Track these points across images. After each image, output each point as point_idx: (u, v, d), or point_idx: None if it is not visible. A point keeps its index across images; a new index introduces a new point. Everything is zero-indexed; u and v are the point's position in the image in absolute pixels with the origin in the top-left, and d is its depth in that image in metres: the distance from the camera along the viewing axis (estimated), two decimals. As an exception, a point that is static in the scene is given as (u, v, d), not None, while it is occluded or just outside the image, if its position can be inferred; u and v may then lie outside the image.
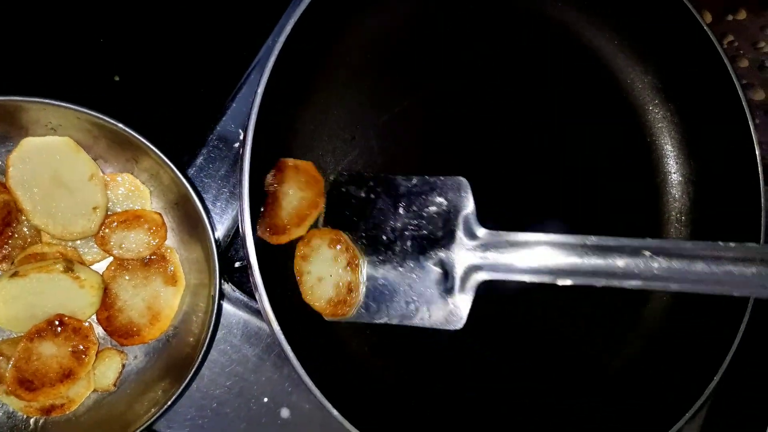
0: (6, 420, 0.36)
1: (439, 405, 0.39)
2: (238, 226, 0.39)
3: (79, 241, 0.37)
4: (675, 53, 0.42)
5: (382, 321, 0.37)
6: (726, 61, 0.40)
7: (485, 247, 0.38)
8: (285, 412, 0.41)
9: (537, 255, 0.37)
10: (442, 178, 0.38)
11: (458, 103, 0.41)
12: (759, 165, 0.41)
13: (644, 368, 0.42)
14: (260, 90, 0.35)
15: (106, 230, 0.37)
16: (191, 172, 0.41)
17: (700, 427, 0.48)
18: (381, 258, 0.39)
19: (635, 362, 0.42)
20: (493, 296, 0.39)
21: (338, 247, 0.37)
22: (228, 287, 0.40)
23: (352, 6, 0.38)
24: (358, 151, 0.39)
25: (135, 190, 0.38)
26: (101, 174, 0.37)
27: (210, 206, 0.41)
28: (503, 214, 0.41)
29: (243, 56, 0.44)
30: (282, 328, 0.32)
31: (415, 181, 0.38)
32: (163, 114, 0.52)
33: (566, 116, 0.43)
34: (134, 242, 0.37)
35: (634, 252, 0.35)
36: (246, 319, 0.40)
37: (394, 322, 0.38)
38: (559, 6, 0.43)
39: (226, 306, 0.40)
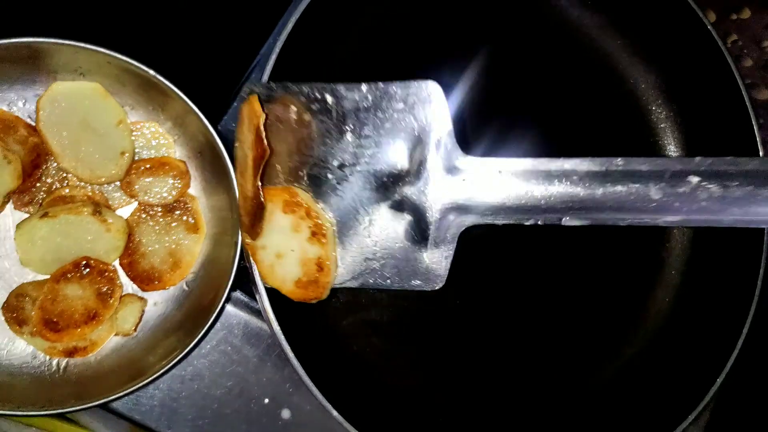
0: (30, 360, 0.37)
1: (443, 405, 0.39)
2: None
3: (105, 186, 0.38)
4: (678, 52, 0.42)
5: (344, 285, 0.32)
6: (730, 60, 0.40)
7: (469, 180, 0.31)
8: (286, 413, 0.40)
9: (541, 188, 0.30)
10: (402, 83, 0.30)
11: (462, 101, 0.41)
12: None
13: (646, 368, 0.42)
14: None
15: (132, 175, 0.38)
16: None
17: (704, 427, 0.48)
18: (329, 206, 0.32)
19: (637, 361, 0.42)
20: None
21: (296, 211, 0.30)
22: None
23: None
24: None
25: (160, 137, 0.39)
26: (128, 120, 0.38)
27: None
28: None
29: (244, 55, 0.44)
30: (282, 329, 0.32)
31: (364, 89, 0.29)
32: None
33: (568, 114, 0.43)
34: (158, 188, 0.38)
35: (676, 178, 0.29)
36: (246, 320, 0.40)
37: (356, 285, 0.32)
38: (562, 4, 0.43)
39: (227, 306, 0.40)
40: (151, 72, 0.35)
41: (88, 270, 0.36)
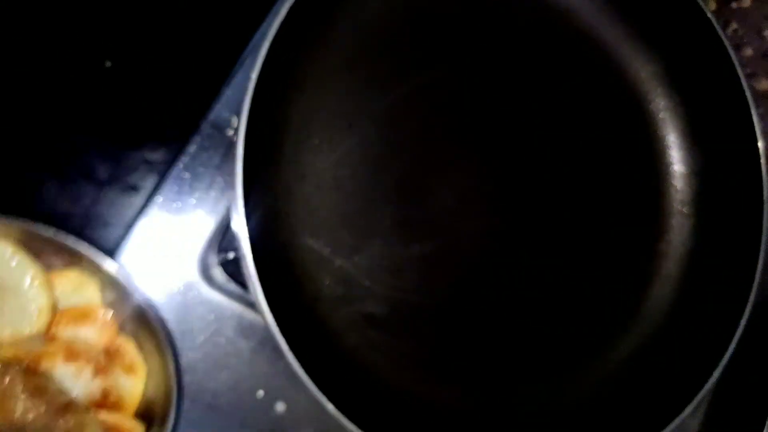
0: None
1: (441, 399, 0.39)
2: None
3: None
4: (679, 42, 0.42)
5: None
6: (730, 49, 0.40)
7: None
8: (281, 406, 0.40)
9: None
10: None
11: (459, 88, 0.41)
12: (762, 156, 0.40)
13: (643, 361, 0.42)
14: (254, 76, 0.34)
15: (56, 327, 0.36)
16: (184, 160, 0.40)
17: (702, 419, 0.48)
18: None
19: (634, 355, 0.42)
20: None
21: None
22: (222, 278, 0.40)
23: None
24: (357, 140, 0.38)
25: (82, 284, 0.38)
26: (44, 274, 0.37)
27: (203, 195, 0.40)
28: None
29: (236, 42, 0.43)
30: (277, 321, 0.31)
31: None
32: (155, 100, 0.51)
33: (568, 104, 0.43)
34: (85, 338, 0.37)
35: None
36: (240, 312, 0.40)
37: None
38: (561, -7, 0.42)
39: (220, 298, 0.40)
40: (51, 232, 0.35)
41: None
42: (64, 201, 0.51)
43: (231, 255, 0.39)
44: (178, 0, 0.47)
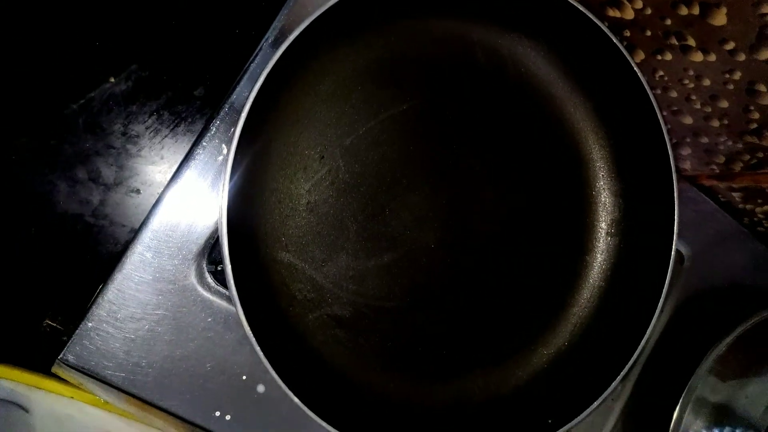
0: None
1: (394, 389, 0.46)
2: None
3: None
4: (609, 85, 0.47)
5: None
6: (649, 92, 0.45)
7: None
8: (261, 388, 0.47)
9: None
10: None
11: (416, 124, 0.47)
12: (674, 183, 0.47)
13: (571, 354, 0.50)
14: (243, 115, 0.40)
15: None
16: (182, 177, 0.46)
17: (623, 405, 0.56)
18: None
19: (564, 349, 0.50)
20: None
21: None
22: (212, 282, 0.46)
23: (328, 45, 0.43)
24: (328, 169, 0.45)
25: None
26: None
27: (198, 209, 0.46)
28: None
29: (230, 72, 0.49)
30: (251, 326, 0.38)
31: None
32: (156, 118, 0.57)
33: (511, 135, 0.49)
34: None
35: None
36: (228, 309, 0.46)
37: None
38: (510, 37, 0.48)
39: (211, 297, 0.46)
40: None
41: None
42: (73, 203, 0.57)
43: (219, 267, 0.46)
44: (170, 33, 0.52)
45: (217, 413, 0.46)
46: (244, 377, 0.47)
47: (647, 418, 0.55)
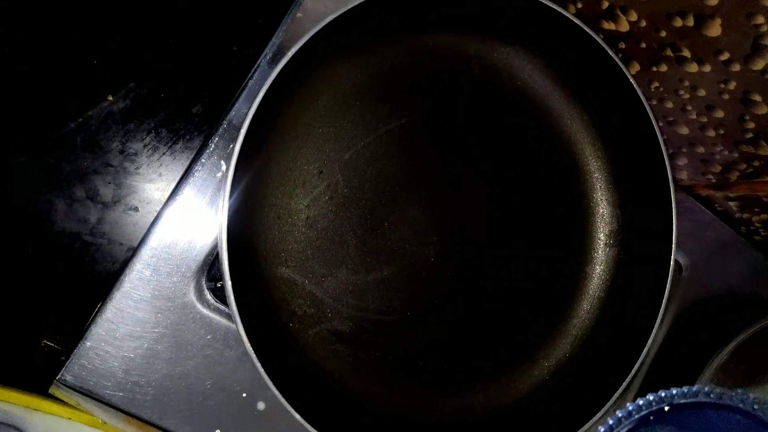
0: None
1: (394, 403, 0.46)
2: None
3: None
4: (605, 97, 0.48)
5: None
6: (645, 103, 0.46)
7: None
8: (261, 405, 0.47)
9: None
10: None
11: (414, 138, 0.47)
12: (672, 194, 0.47)
13: (572, 365, 0.50)
14: (242, 131, 0.40)
15: None
16: (181, 194, 0.46)
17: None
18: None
19: (564, 360, 0.50)
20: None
21: None
22: (211, 299, 0.46)
23: (326, 61, 0.44)
24: (326, 184, 0.45)
25: None
26: None
27: (198, 226, 0.46)
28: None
29: (227, 89, 0.49)
30: (252, 343, 0.38)
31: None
32: (154, 136, 0.57)
33: (509, 148, 0.49)
34: None
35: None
36: (227, 326, 0.46)
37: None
38: (506, 50, 0.48)
39: (211, 315, 0.46)
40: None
41: None
42: (71, 221, 0.57)
43: (219, 284, 0.46)
44: (165, 51, 0.52)
45: (218, 431, 0.46)
46: (244, 395, 0.47)
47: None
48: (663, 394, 0.32)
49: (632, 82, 0.45)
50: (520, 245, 0.49)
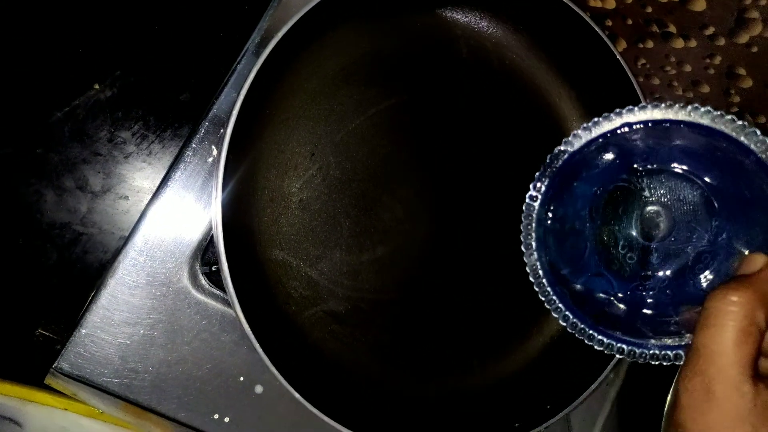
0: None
1: (390, 382, 0.47)
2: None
3: None
4: (592, 73, 0.48)
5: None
6: (632, 78, 0.46)
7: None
8: (259, 388, 0.47)
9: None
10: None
11: (404, 118, 0.47)
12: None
13: (559, 345, 0.50)
14: (234, 114, 0.41)
15: None
16: (172, 180, 0.46)
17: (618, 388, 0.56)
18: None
19: (551, 341, 0.50)
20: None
21: None
22: (206, 284, 0.46)
23: (313, 44, 0.44)
24: (319, 166, 0.45)
25: None
26: None
27: (190, 212, 0.46)
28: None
29: (215, 76, 0.49)
30: (251, 325, 0.38)
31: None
32: (142, 124, 0.57)
33: (499, 125, 0.49)
34: None
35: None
36: (223, 311, 0.46)
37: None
38: (493, 30, 0.49)
39: (206, 300, 0.46)
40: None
41: None
42: (61, 212, 0.57)
43: (214, 268, 0.46)
44: (158, 38, 0.52)
45: (216, 416, 0.46)
46: (242, 378, 0.47)
47: (642, 401, 0.56)
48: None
49: (619, 59, 0.46)
50: (512, 222, 0.50)
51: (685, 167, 0.32)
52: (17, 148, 0.54)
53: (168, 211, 0.46)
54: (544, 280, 0.33)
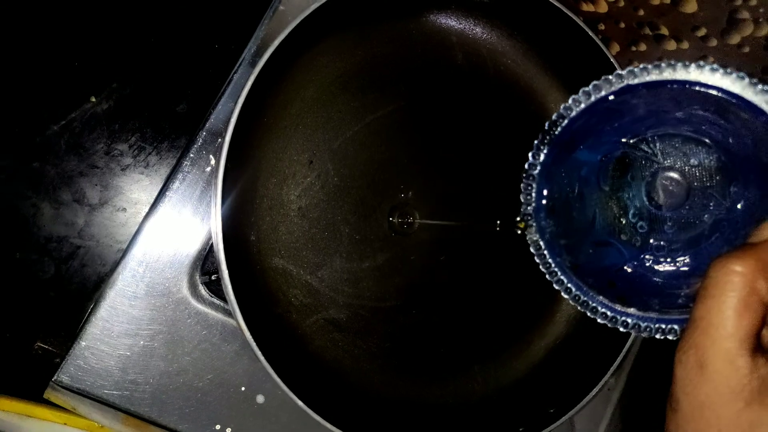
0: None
1: (392, 388, 0.46)
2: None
3: None
4: (589, 77, 0.48)
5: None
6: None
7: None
8: (260, 398, 0.47)
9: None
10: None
11: (401, 125, 0.47)
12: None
13: (561, 350, 0.50)
14: (231, 123, 0.41)
15: None
16: (171, 190, 0.46)
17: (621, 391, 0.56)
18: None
19: (553, 346, 0.50)
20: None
21: None
22: (206, 294, 0.46)
23: (310, 52, 0.44)
24: (317, 173, 0.45)
25: None
26: None
27: (189, 222, 0.46)
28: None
29: (212, 86, 0.49)
30: (252, 333, 0.38)
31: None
32: (139, 136, 0.57)
33: (492, 128, 0.50)
34: None
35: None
36: (223, 320, 0.46)
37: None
38: (488, 36, 0.49)
39: (206, 310, 0.46)
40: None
41: None
42: (58, 225, 0.56)
43: (213, 277, 0.46)
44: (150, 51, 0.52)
45: (218, 426, 0.46)
46: (243, 388, 0.46)
47: (644, 406, 0.56)
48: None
49: (613, 62, 0.46)
50: (512, 227, 0.50)
51: (697, 132, 0.29)
52: (13, 162, 0.54)
53: (166, 221, 0.46)
54: (545, 252, 0.32)
